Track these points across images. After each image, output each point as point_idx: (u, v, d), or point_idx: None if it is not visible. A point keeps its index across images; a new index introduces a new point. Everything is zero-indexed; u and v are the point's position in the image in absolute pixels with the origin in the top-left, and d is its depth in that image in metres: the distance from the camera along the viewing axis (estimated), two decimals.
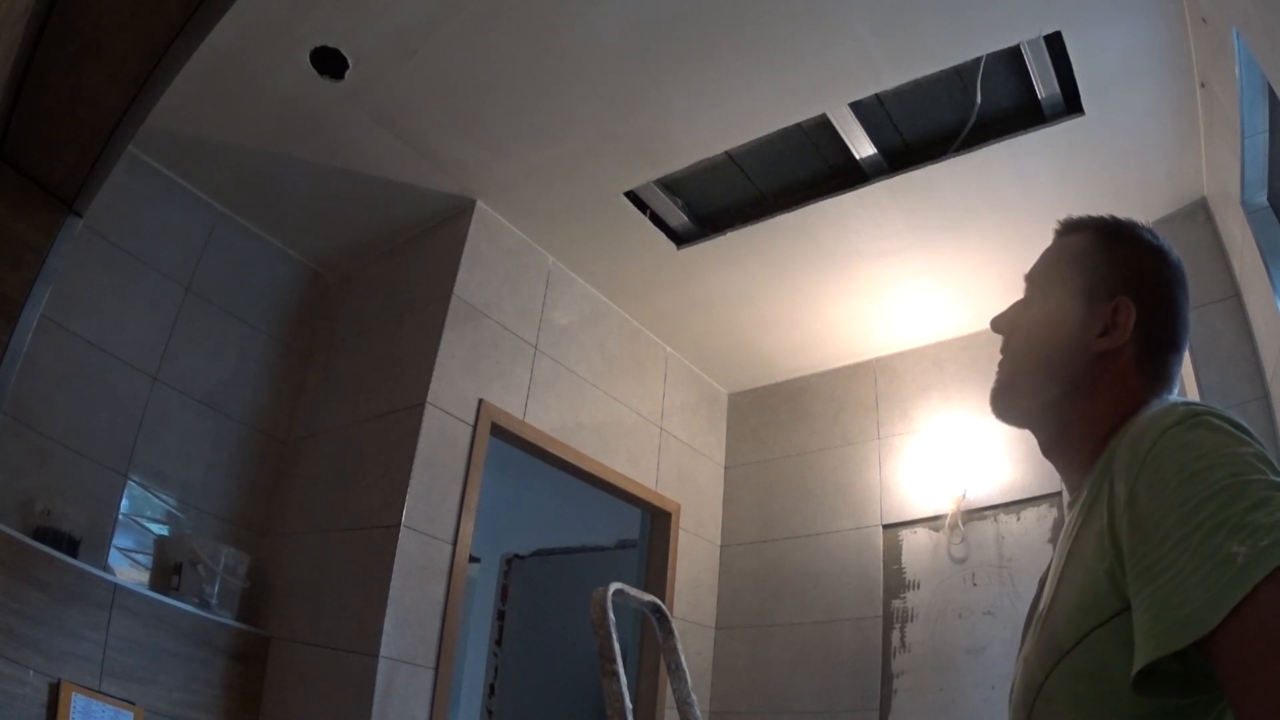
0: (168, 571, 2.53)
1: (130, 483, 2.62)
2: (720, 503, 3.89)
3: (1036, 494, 3.01)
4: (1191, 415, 0.65)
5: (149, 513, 2.68)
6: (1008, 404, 0.87)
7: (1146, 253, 0.85)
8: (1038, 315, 0.87)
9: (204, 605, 2.53)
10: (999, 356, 0.89)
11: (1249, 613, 0.52)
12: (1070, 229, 0.91)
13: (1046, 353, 0.84)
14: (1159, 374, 0.81)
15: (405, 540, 2.51)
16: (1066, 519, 0.81)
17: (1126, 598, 0.61)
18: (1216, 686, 0.57)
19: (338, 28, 2.33)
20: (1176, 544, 0.57)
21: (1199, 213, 2.67)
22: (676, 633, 1.93)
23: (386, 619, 2.40)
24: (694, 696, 1.82)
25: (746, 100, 2.50)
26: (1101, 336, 0.81)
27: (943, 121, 2.60)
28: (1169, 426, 0.65)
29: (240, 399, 3.00)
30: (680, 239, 3.16)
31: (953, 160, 2.62)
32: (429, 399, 2.68)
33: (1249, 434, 0.63)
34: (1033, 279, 0.92)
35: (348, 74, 2.47)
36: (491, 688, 4.69)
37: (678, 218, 3.07)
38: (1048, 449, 0.86)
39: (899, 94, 2.50)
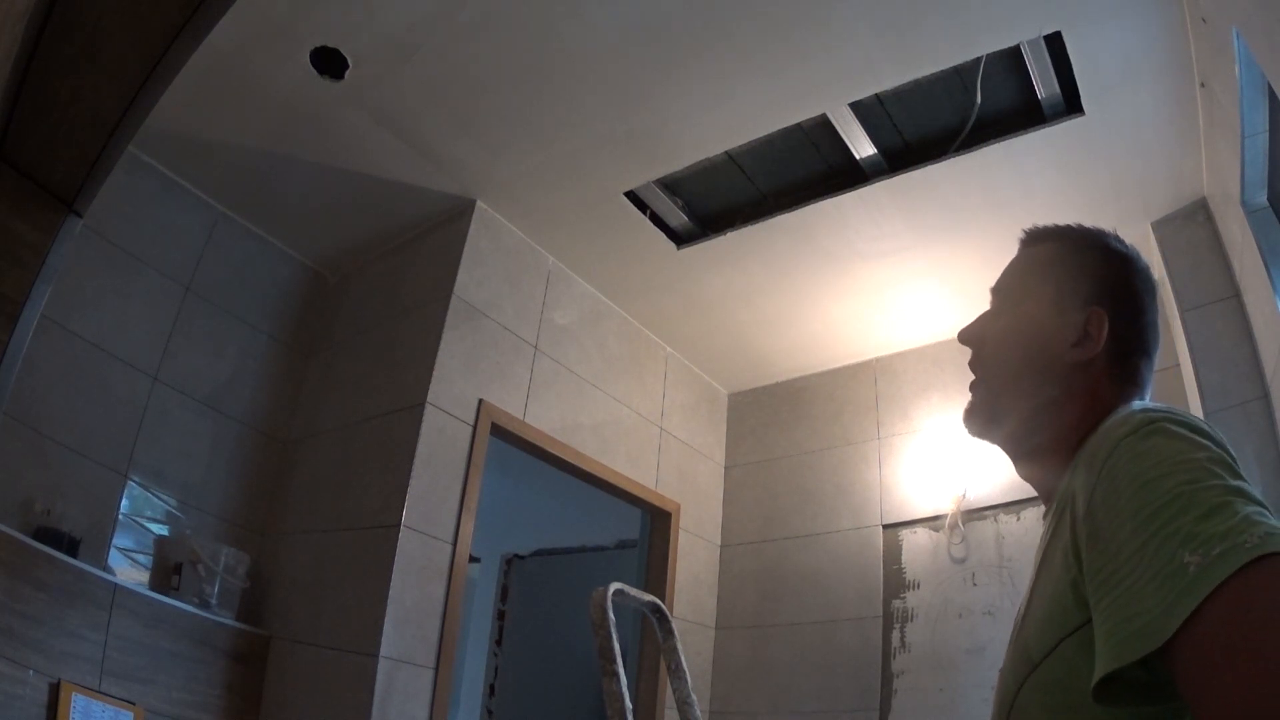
0: (168, 571, 2.53)
1: (130, 483, 2.62)
2: (720, 503, 3.89)
3: (1036, 494, 3.00)
4: (1147, 423, 0.65)
5: (149, 513, 2.68)
6: (982, 424, 0.86)
7: (1115, 261, 0.85)
8: (1008, 326, 0.86)
9: (204, 605, 2.53)
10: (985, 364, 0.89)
11: (1203, 622, 0.51)
12: (1037, 239, 0.91)
13: (1020, 365, 0.83)
14: (1131, 380, 0.81)
15: (405, 540, 2.51)
16: (1043, 529, 0.81)
17: (1087, 610, 0.61)
18: None
19: (338, 28, 2.33)
20: (1131, 555, 0.57)
21: (1199, 213, 2.67)
22: (676, 633, 1.93)
23: (386, 619, 2.40)
24: (694, 696, 1.82)
25: (746, 100, 2.50)
26: (1075, 347, 0.80)
27: (943, 121, 2.60)
28: (1124, 436, 0.65)
29: (240, 399, 3.00)
30: (680, 239, 3.16)
31: (953, 160, 2.62)
32: (429, 399, 2.68)
33: (1209, 437, 0.63)
34: (1001, 290, 0.91)
35: (348, 74, 2.47)
36: (491, 688, 4.69)
37: (678, 218, 3.07)
38: (1020, 461, 0.85)
39: (899, 94, 2.50)
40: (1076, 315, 0.81)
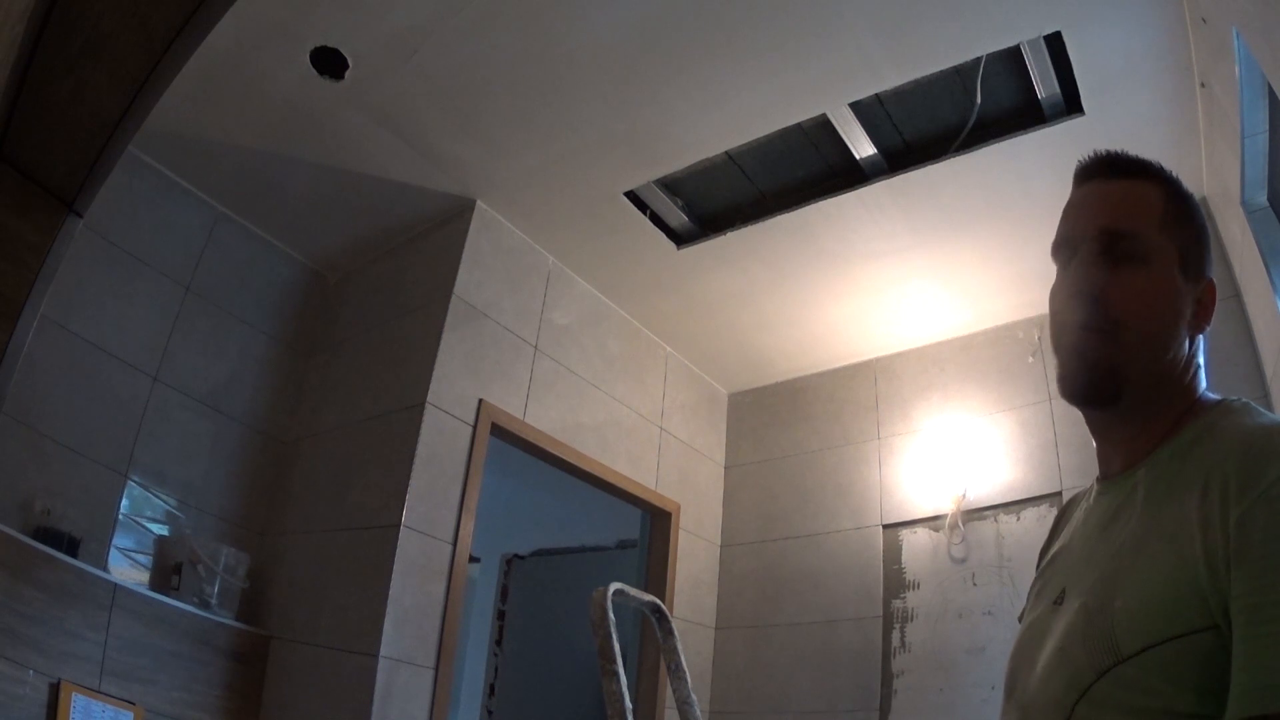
0: (168, 571, 2.53)
1: (130, 483, 2.62)
2: (720, 503, 3.89)
3: (1036, 494, 3.01)
4: None
5: (149, 513, 2.68)
6: (1112, 390, 0.75)
7: (1203, 221, 0.81)
8: (1149, 288, 0.76)
9: (204, 605, 2.53)
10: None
11: None
12: (1136, 172, 0.82)
13: (1162, 332, 0.75)
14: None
15: (405, 540, 2.51)
16: (1099, 496, 0.77)
17: (1211, 616, 0.58)
18: None
19: (338, 28, 2.33)
20: None
21: None
22: (676, 633, 1.93)
23: (386, 619, 2.40)
24: (694, 696, 1.82)
25: (746, 100, 2.50)
26: (1196, 318, 0.77)
27: (943, 121, 2.60)
28: None
29: (240, 399, 3.00)
30: (680, 239, 3.16)
31: (953, 160, 2.62)
32: (429, 399, 2.68)
33: None
34: (1127, 237, 0.78)
35: (348, 74, 2.47)
36: (491, 688, 4.69)
37: (678, 218, 3.07)
38: (1109, 427, 0.79)
39: (899, 94, 2.50)
40: (1195, 284, 0.78)
